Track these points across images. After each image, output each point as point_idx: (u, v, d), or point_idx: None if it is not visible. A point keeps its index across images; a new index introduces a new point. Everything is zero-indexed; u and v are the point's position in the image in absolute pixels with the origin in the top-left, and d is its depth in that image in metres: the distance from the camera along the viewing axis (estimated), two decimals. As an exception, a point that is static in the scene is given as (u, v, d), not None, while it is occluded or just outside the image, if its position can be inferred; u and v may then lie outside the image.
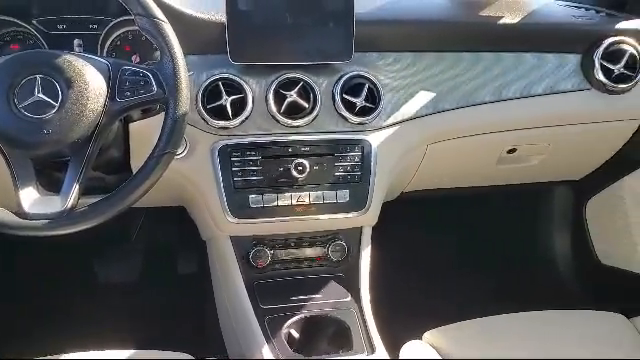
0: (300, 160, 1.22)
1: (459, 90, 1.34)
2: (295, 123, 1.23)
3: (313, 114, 1.23)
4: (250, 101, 1.21)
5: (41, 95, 0.93)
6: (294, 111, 1.23)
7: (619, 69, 1.37)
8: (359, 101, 1.25)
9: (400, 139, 1.30)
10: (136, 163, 1.18)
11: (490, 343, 1.20)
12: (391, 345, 1.20)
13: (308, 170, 1.22)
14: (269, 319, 1.22)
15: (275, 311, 1.23)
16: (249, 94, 1.21)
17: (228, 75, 1.20)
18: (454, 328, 1.23)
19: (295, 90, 1.22)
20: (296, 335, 1.21)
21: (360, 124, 1.26)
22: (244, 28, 1.19)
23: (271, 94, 1.21)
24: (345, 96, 1.25)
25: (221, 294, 1.39)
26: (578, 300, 1.86)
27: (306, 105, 1.23)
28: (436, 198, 1.72)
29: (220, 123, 1.20)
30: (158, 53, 0.99)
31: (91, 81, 0.95)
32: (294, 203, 1.24)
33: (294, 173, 1.21)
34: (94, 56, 0.99)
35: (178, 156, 1.18)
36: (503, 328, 1.24)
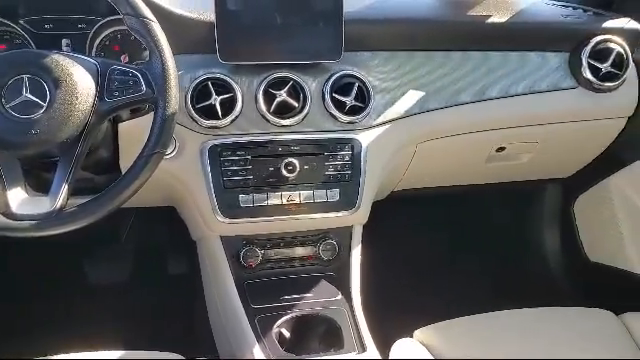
0: (290, 159, 1.21)
1: (448, 89, 1.34)
2: (285, 122, 1.22)
3: (303, 113, 1.23)
4: (240, 100, 1.20)
5: (29, 95, 0.92)
6: (284, 110, 1.23)
7: (606, 67, 1.38)
8: (349, 100, 1.25)
9: (390, 138, 1.31)
10: (125, 163, 1.17)
11: (480, 340, 1.21)
12: (382, 343, 1.21)
13: (298, 169, 1.22)
14: (260, 319, 1.22)
15: (266, 310, 1.23)
16: (238, 93, 1.20)
17: (217, 75, 1.20)
18: (444, 326, 1.23)
19: (285, 89, 1.22)
20: (287, 334, 1.21)
21: (350, 123, 1.26)
22: (233, 27, 1.19)
23: (261, 93, 1.21)
24: (335, 95, 1.25)
25: (212, 294, 1.38)
26: (567, 297, 1.88)
27: (296, 104, 1.23)
28: (426, 197, 1.72)
29: (210, 123, 1.19)
30: (147, 53, 0.99)
31: (79, 81, 0.94)
32: (284, 202, 1.23)
33: (284, 172, 1.21)
34: (82, 56, 0.99)
35: (167, 156, 1.18)
36: (493, 325, 1.25)
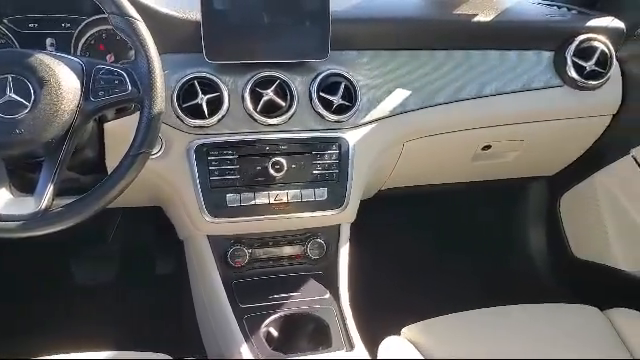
0: (277, 158, 1.21)
1: (434, 88, 1.35)
2: (272, 121, 1.22)
3: (290, 112, 1.23)
4: (226, 100, 1.20)
5: (13, 95, 0.91)
6: (271, 109, 1.22)
7: (590, 66, 1.39)
8: (336, 99, 1.25)
9: (377, 137, 1.31)
10: (111, 163, 1.17)
11: (467, 337, 1.22)
12: (370, 341, 1.21)
13: (285, 168, 1.21)
14: (248, 318, 1.21)
15: (254, 310, 1.23)
16: (225, 93, 1.20)
17: (204, 74, 1.20)
18: (432, 323, 1.24)
19: (272, 88, 1.21)
20: (275, 334, 1.21)
21: (337, 122, 1.26)
22: (219, 26, 1.19)
23: (247, 93, 1.21)
24: (322, 94, 1.25)
25: (199, 294, 1.38)
26: (553, 294, 1.89)
27: (283, 103, 1.22)
28: (413, 195, 1.73)
29: (196, 122, 1.19)
30: (133, 52, 0.98)
31: (64, 80, 0.93)
32: (272, 202, 1.23)
33: (271, 172, 1.21)
34: (67, 55, 0.98)
35: (154, 156, 1.17)
36: (480, 322, 1.26)
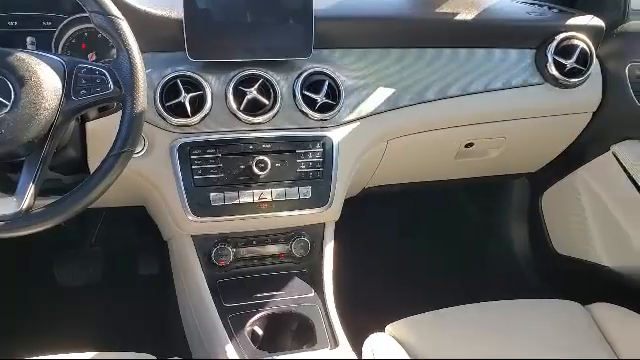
0: (261, 157, 1.21)
1: (418, 86, 1.35)
2: (256, 120, 1.22)
3: (274, 111, 1.23)
4: (209, 98, 1.20)
5: None
6: (254, 108, 1.22)
7: (571, 64, 1.41)
8: (320, 98, 1.25)
9: (361, 135, 1.31)
10: (94, 163, 1.15)
11: (450, 333, 1.22)
12: (354, 339, 1.21)
13: (270, 167, 1.21)
14: (232, 317, 1.21)
15: (238, 309, 1.23)
16: (208, 91, 1.20)
17: (186, 72, 1.19)
18: (415, 320, 1.24)
19: (255, 87, 1.21)
20: (260, 332, 1.21)
21: (321, 120, 1.26)
22: (202, 25, 1.18)
23: (230, 91, 1.21)
24: (306, 93, 1.25)
25: (184, 294, 1.37)
26: (535, 289, 1.91)
27: (267, 102, 1.22)
28: (398, 193, 1.74)
29: (179, 121, 1.18)
30: (115, 51, 0.97)
31: (45, 79, 0.92)
32: (256, 200, 1.23)
33: (255, 170, 1.20)
34: (48, 54, 0.97)
35: (136, 155, 1.17)
36: (462, 318, 1.26)
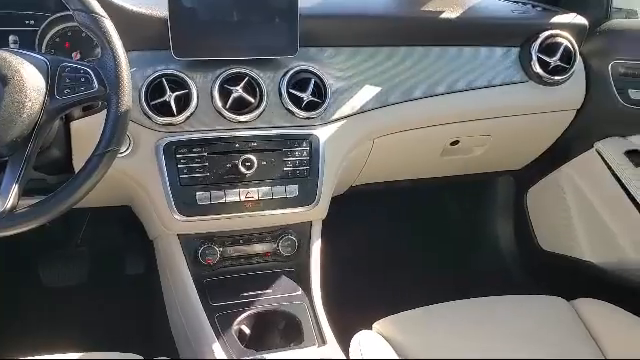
0: (248, 156, 1.21)
1: (403, 84, 1.36)
2: (242, 118, 1.22)
3: (260, 109, 1.22)
4: (195, 97, 1.19)
5: None
6: (240, 106, 1.22)
7: (555, 61, 1.42)
8: (306, 96, 1.25)
9: (347, 133, 1.31)
10: (78, 162, 1.15)
11: (436, 330, 1.23)
12: (342, 336, 1.21)
13: (256, 166, 1.21)
14: (219, 316, 1.21)
15: (225, 308, 1.23)
16: (193, 90, 1.19)
17: (171, 71, 1.18)
18: (402, 317, 1.25)
19: (241, 85, 1.21)
20: (247, 331, 1.21)
21: (307, 119, 1.26)
22: (187, 23, 1.17)
23: (216, 89, 1.20)
24: (292, 91, 1.24)
25: (170, 293, 1.37)
26: (521, 286, 1.92)
27: (252, 100, 1.22)
28: (384, 191, 1.74)
29: (164, 120, 1.18)
30: (99, 49, 0.97)
31: (29, 78, 0.91)
32: (242, 199, 1.23)
33: (242, 169, 1.20)
34: (32, 52, 0.96)
35: (122, 154, 1.16)
36: (449, 315, 1.27)
